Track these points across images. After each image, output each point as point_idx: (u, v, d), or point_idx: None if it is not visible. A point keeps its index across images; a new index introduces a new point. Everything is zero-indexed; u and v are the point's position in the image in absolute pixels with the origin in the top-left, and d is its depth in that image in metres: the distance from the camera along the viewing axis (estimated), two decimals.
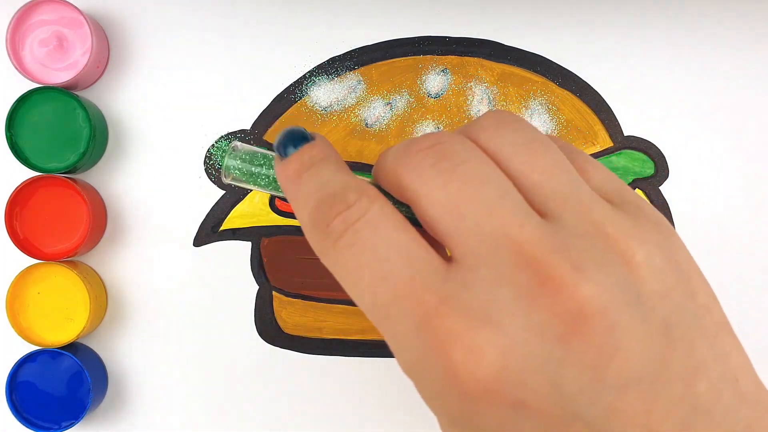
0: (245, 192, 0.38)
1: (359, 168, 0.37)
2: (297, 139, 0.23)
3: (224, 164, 0.27)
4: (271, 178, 0.26)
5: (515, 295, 0.17)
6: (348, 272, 0.19)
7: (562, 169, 0.19)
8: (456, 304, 0.17)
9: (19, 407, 0.36)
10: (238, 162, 0.26)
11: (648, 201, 0.20)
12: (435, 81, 0.38)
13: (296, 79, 0.38)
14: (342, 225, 0.19)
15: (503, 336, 0.17)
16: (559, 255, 0.17)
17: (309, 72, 0.38)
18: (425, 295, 0.18)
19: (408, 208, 0.21)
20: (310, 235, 0.21)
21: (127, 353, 0.38)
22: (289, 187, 0.22)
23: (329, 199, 0.20)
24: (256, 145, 0.32)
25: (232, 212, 0.38)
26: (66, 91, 0.35)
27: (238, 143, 0.27)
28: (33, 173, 0.36)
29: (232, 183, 0.27)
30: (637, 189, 0.38)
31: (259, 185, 0.27)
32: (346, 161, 0.37)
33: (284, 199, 0.26)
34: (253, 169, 0.26)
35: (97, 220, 0.36)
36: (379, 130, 0.38)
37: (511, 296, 0.17)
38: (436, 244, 0.19)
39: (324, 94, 0.38)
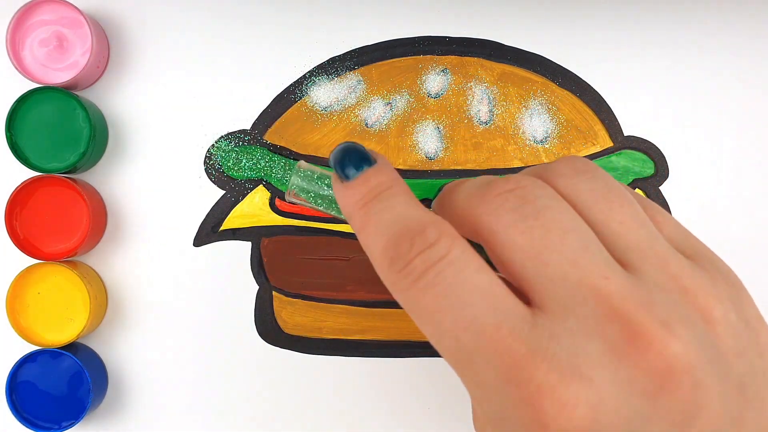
0: (245, 192, 0.38)
1: None
2: (357, 159, 0.22)
3: (289, 182, 0.26)
4: (333, 200, 0.25)
5: (604, 349, 0.17)
6: (428, 314, 0.19)
7: (640, 221, 0.19)
8: (545, 356, 0.17)
9: (19, 407, 0.36)
10: (304, 182, 0.26)
11: (714, 253, 0.21)
12: (435, 81, 0.38)
13: (296, 79, 0.38)
14: (423, 264, 0.19)
15: (593, 390, 0.16)
16: (646, 310, 0.17)
17: (309, 72, 0.38)
18: (513, 344, 0.17)
19: (480, 248, 0.20)
20: (383, 271, 0.20)
21: (127, 353, 0.38)
22: (354, 215, 0.22)
23: (407, 235, 0.19)
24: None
25: (232, 212, 0.38)
26: (66, 91, 0.35)
27: (304, 162, 0.26)
28: (33, 173, 0.36)
29: (295, 202, 0.27)
30: (637, 189, 0.38)
31: (323, 207, 0.26)
32: None
33: (344, 221, 0.26)
34: (318, 190, 0.26)
35: (97, 220, 0.36)
36: (379, 130, 0.38)
37: (601, 350, 0.17)
38: (509, 286, 0.19)
39: (324, 94, 0.38)
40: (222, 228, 0.38)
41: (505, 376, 0.17)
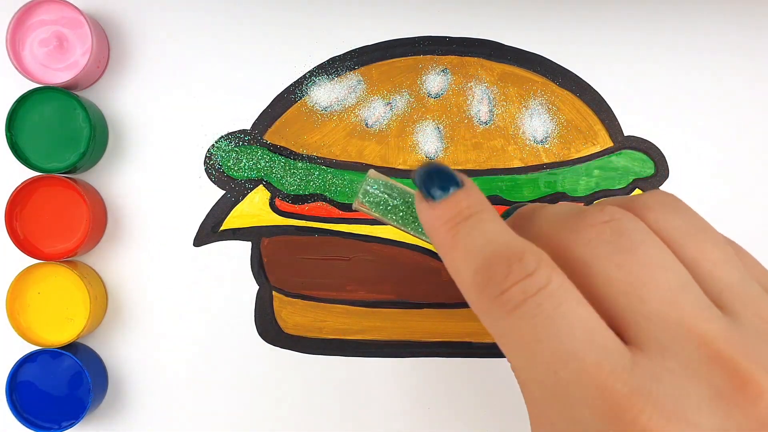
0: (245, 192, 0.38)
1: (360, 168, 0.38)
2: (445, 180, 0.22)
3: (359, 191, 0.26)
4: (404, 213, 0.25)
5: (711, 395, 0.17)
6: (523, 345, 0.18)
7: (732, 262, 0.19)
8: (649, 398, 0.17)
9: (19, 407, 0.36)
10: (374, 191, 0.26)
11: None
12: (435, 81, 0.38)
13: (296, 79, 0.38)
14: (521, 294, 0.18)
15: None
16: (753, 358, 0.17)
17: (309, 72, 0.38)
18: (615, 383, 0.17)
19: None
20: (473, 295, 0.20)
21: (127, 353, 0.38)
22: (441, 235, 0.21)
23: (503, 261, 0.19)
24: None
25: (232, 212, 0.38)
26: (66, 91, 0.35)
27: (374, 171, 0.26)
28: (33, 173, 0.36)
29: (362, 210, 0.27)
30: (637, 189, 0.38)
31: (390, 217, 0.26)
32: (346, 161, 0.37)
33: (412, 234, 0.26)
34: (387, 200, 0.26)
35: (97, 220, 0.36)
36: (379, 130, 0.38)
37: (707, 395, 0.17)
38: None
39: (324, 94, 0.38)
40: (222, 228, 0.38)
41: (605, 415, 0.17)
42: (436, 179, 0.22)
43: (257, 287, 0.38)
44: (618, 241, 0.19)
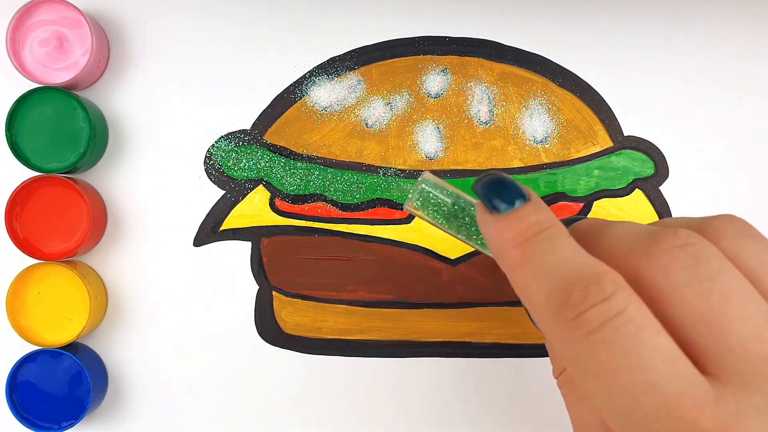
0: (245, 192, 0.38)
1: (360, 168, 0.38)
2: (510, 192, 0.22)
3: (413, 192, 0.25)
4: (459, 219, 0.25)
5: None
6: (600, 370, 0.18)
7: None
8: None
9: (19, 407, 0.36)
10: (429, 194, 0.25)
11: None
12: (435, 81, 0.38)
13: (296, 79, 0.38)
14: (599, 318, 0.18)
15: None
16: None
17: (309, 72, 0.38)
18: (699, 416, 0.17)
19: None
20: (546, 316, 0.19)
21: (127, 353, 0.38)
22: (508, 251, 0.21)
23: (579, 284, 0.18)
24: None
25: (232, 212, 0.38)
26: (66, 91, 0.35)
27: (430, 173, 0.26)
28: (33, 173, 0.36)
29: (413, 212, 0.26)
30: (637, 189, 0.38)
31: (441, 221, 0.25)
32: (346, 161, 0.37)
33: (465, 241, 0.26)
34: (441, 205, 0.25)
35: (97, 220, 0.36)
36: (379, 130, 0.38)
37: None
38: None
39: (324, 94, 0.38)
40: (222, 228, 0.38)
41: None
42: (500, 191, 0.22)
43: (257, 287, 0.38)
44: (695, 268, 0.18)
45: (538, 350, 0.38)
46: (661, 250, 0.19)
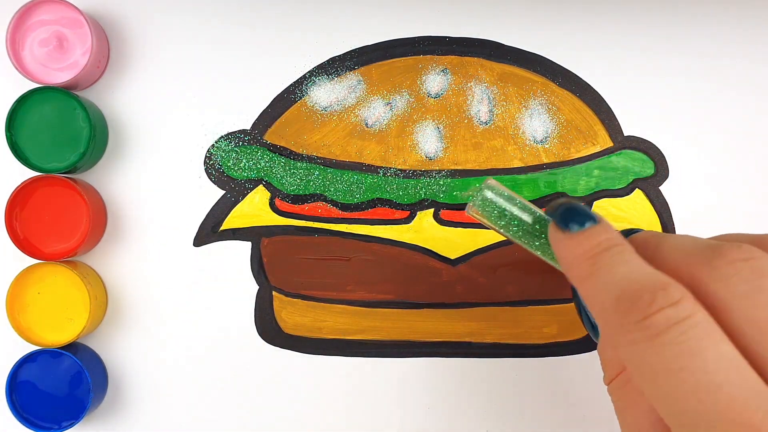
0: (245, 192, 0.38)
1: (360, 168, 0.38)
2: (583, 216, 0.24)
3: (477, 197, 0.27)
4: (520, 226, 0.27)
5: None
6: (664, 372, 0.19)
7: None
8: None
9: (19, 407, 0.36)
10: (492, 200, 0.27)
11: None
12: (435, 81, 0.38)
13: (296, 79, 0.38)
14: (665, 321, 0.19)
15: None
16: None
17: (309, 72, 0.38)
18: (762, 423, 0.17)
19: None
20: (612, 320, 0.20)
21: (127, 353, 0.38)
22: (578, 264, 0.23)
23: (648, 290, 0.20)
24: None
25: (232, 212, 0.38)
26: (66, 91, 0.35)
27: (493, 180, 0.27)
28: (33, 173, 0.36)
29: (474, 216, 0.28)
30: (637, 189, 0.38)
31: (503, 227, 0.27)
32: (346, 161, 0.37)
33: (524, 246, 0.27)
34: (503, 210, 0.27)
35: (97, 220, 0.36)
36: (379, 130, 0.38)
37: None
38: None
39: (324, 94, 0.38)
40: (222, 228, 0.38)
41: None
42: (575, 215, 0.24)
43: (257, 287, 0.38)
44: (758, 281, 0.19)
45: (538, 350, 0.38)
46: (724, 262, 0.20)
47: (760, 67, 0.38)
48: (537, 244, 0.27)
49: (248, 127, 0.38)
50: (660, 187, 0.38)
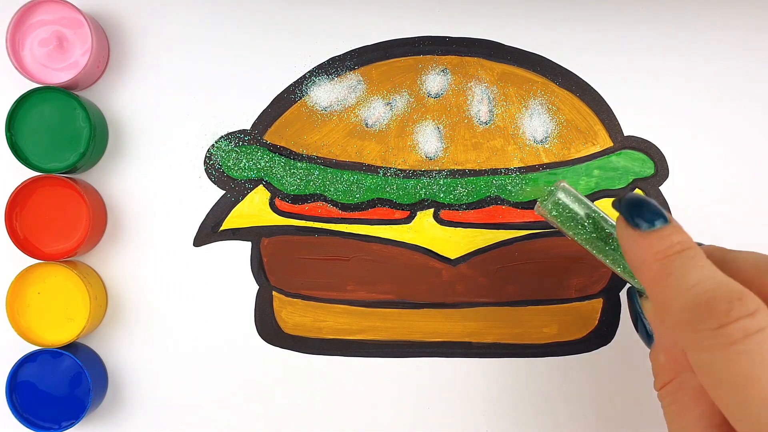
0: (245, 192, 0.38)
1: (359, 168, 0.38)
2: (653, 213, 0.24)
3: (550, 197, 0.27)
4: (590, 229, 0.27)
5: None
6: (737, 380, 0.20)
7: None
8: None
9: (19, 407, 0.36)
10: (565, 201, 0.27)
11: None
12: (435, 81, 0.38)
13: (296, 79, 0.38)
14: (742, 331, 0.20)
15: None
16: None
17: (309, 72, 0.38)
18: None
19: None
20: (687, 326, 0.21)
21: (127, 353, 0.38)
22: (649, 265, 0.23)
23: (724, 299, 0.20)
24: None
25: (232, 212, 0.38)
26: (66, 91, 0.35)
27: (566, 182, 0.27)
28: (33, 173, 0.36)
29: (543, 216, 0.28)
30: (637, 189, 0.38)
31: (572, 229, 0.27)
32: (346, 161, 0.37)
33: (590, 249, 0.28)
34: (576, 214, 0.27)
35: (97, 220, 0.36)
36: (379, 130, 0.38)
37: None
38: None
39: (324, 94, 0.38)
40: (222, 228, 0.38)
41: None
42: (644, 210, 0.24)
43: (257, 287, 0.38)
44: None
45: (538, 350, 0.38)
46: None
47: (760, 67, 0.38)
48: (606, 249, 0.28)
49: (248, 127, 0.38)
50: (660, 187, 0.38)
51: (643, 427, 0.38)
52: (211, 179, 0.38)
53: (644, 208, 0.24)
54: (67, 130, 0.35)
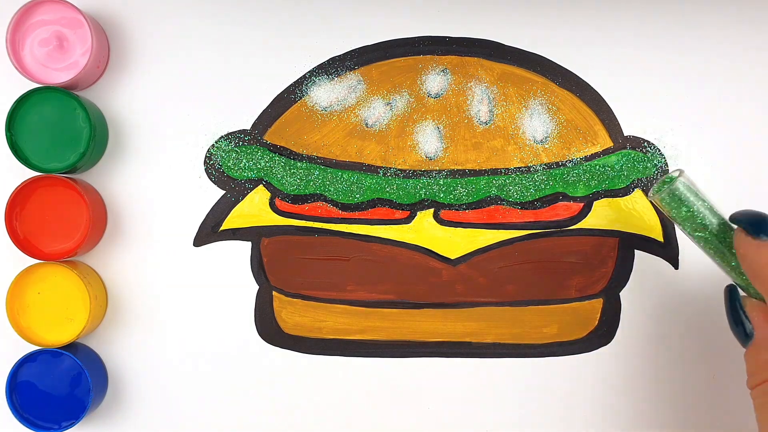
0: (245, 192, 0.38)
1: (359, 168, 0.38)
2: None
3: (669, 185, 0.28)
4: (699, 223, 0.29)
5: None
6: None
7: None
8: None
9: (19, 407, 0.36)
10: (682, 192, 0.29)
11: None
12: (435, 81, 0.38)
13: (296, 79, 0.38)
14: None
15: None
16: None
17: (309, 72, 0.38)
18: None
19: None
20: None
21: (127, 353, 0.38)
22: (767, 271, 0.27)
23: None
24: (263, 147, 0.32)
25: (232, 212, 0.38)
26: (66, 91, 0.35)
27: (685, 173, 0.29)
28: (33, 173, 0.36)
29: (656, 203, 0.29)
30: (637, 189, 0.38)
31: (681, 219, 0.29)
32: (346, 161, 0.37)
33: (695, 241, 0.30)
34: (692, 206, 0.30)
35: (97, 220, 0.36)
36: (379, 130, 0.38)
37: None
38: None
39: (324, 94, 0.38)
40: (222, 228, 0.38)
41: None
42: (763, 224, 0.28)
43: (257, 287, 0.38)
44: None
45: (538, 350, 0.38)
46: None
47: (760, 67, 0.38)
48: (715, 244, 0.29)
49: (248, 127, 0.38)
50: None
51: (643, 426, 0.38)
52: (211, 179, 0.38)
53: (765, 223, 0.28)
54: (67, 130, 0.35)
